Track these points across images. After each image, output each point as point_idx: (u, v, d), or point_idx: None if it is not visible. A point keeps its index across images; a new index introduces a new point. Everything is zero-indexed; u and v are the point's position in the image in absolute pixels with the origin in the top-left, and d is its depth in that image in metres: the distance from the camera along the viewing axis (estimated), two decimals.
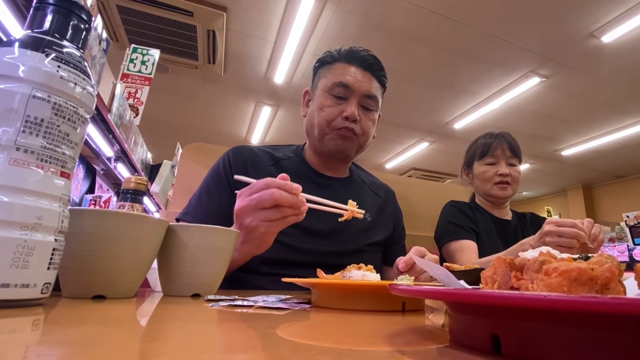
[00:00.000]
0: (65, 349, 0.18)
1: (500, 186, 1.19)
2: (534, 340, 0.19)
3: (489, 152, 1.21)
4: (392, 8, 2.79)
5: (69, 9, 0.33)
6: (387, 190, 1.05)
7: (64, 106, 0.31)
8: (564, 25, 2.89)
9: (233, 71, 3.72)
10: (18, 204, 0.28)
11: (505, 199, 1.22)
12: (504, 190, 1.19)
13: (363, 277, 0.46)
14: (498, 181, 1.19)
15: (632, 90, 3.74)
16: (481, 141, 1.25)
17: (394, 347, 0.23)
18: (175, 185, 1.28)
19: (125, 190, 0.53)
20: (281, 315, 0.33)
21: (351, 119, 0.84)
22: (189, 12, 2.81)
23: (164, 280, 0.48)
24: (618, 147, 5.09)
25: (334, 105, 0.85)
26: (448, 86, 3.82)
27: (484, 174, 1.22)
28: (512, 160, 1.21)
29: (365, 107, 0.87)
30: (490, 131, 1.28)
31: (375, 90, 0.89)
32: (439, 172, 6.39)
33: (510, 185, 1.20)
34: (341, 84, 0.85)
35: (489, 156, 1.22)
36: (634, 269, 0.22)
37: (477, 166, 1.25)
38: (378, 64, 0.91)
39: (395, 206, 1.04)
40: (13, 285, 0.27)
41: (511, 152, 1.20)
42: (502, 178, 1.19)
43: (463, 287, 0.30)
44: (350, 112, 0.83)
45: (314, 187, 0.89)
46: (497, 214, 1.25)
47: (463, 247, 1.12)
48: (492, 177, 1.20)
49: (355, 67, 0.88)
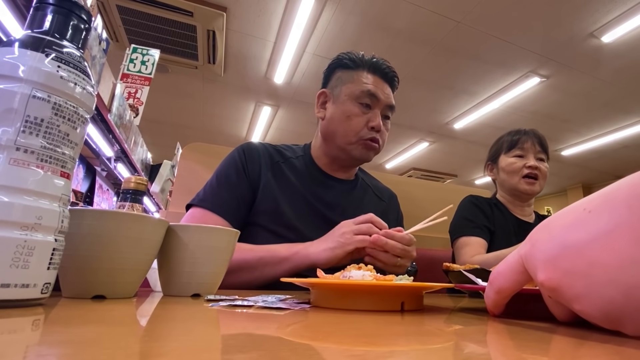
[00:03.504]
0: (65, 349, 0.18)
1: (527, 180, 1.13)
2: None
3: (517, 144, 1.16)
4: (392, 8, 2.79)
5: (69, 9, 0.33)
6: (391, 195, 1.06)
7: (64, 106, 0.31)
8: (564, 25, 2.89)
9: (233, 71, 3.72)
10: (18, 204, 0.28)
11: (531, 195, 1.16)
12: (531, 185, 1.13)
13: (363, 277, 0.46)
14: (526, 174, 1.13)
15: (632, 90, 3.74)
16: (507, 137, 1.21)
17: (394, 347, 0.23)
18: (175, 185, 1.28)
19: (125, 190, 0.53)
20: (281, 315, 0.33)
21: (377, 130, 0.87)
22: (189, 12, 2.81)
23: (164, 280, 0.48)
24: (618, 147, 5.09)
25: (360, 114, 0.87)
26: (448, 86, 3.82)
27: (512, 165, 1.15)
28: (541, 155, 1.16)
29: (385, 117, 0.91)
30: (518, 128, 1.23)
31: (393, 97, 0.93)
32: (439, 172, 6.39)
33: (538, 180, 1.14)
34: (369, 93, 0.87)
35: (518, 148, 1.16)
36: None
37: (503, 159, 1.19)
38: (395, 76, 0.94)
39: (397, 210, 1.05)
40: (13, 285, 0.27)
41: (540, 146, 1.16)
42: (530, 170, 1.13)
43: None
44: (377, 123, 0.87)
45: (321, 188, 0.91)
46: (519, 213, 1.20)
47: (469, 243, 1.09)
48: (520, 169, 1.14)
49: (379, 78, 0.91)
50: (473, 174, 6.59)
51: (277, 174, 0.88)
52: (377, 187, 1.04)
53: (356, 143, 0.87)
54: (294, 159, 0.93)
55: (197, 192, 0.84)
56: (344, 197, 0.93)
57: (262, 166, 0.87)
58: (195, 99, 4.26)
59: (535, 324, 0.35)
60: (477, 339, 0.27)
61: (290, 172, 0.89)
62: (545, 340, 0.26)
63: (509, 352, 0.23)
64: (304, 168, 0.92)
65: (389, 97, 0.90)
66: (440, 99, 4.09)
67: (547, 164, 1.17)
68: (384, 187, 1.07)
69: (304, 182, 0.89)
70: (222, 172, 0.86)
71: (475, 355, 0.21)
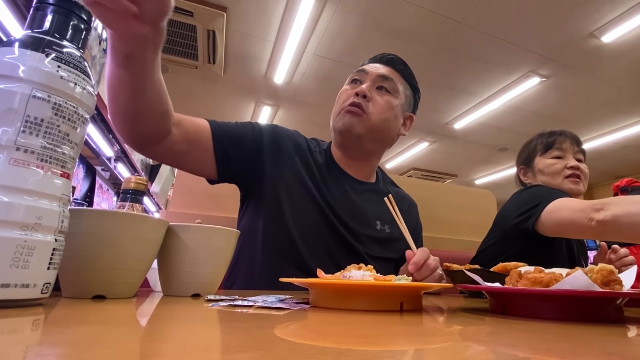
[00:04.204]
0: (65, 349, 0.18)
1: (572, 180, 1.05)
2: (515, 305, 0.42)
3: (554, 144, 1.09)
4: (392, 8, 2.79)
5: (69, 9, 0.33)
6: (410, 204, 1.02)
7: (64, 106, 0.31)
8: (564, 25, 2.88)
9: (233, 71, 3.72)
10: (18, 204, 0.28)
11: (577, 195, 1.06)
12: (576, 184, 1.05)
13: (363, 277, 0.46)
14: (569, 174, 1.05)
15: (633, 90, 3.74)
16: (541, 139, 1.14)
17: (394, 347, 0.23)
18: (175, 185, 1.28)
19: (125, 190, 0.53)
20: (281, 315, 0.33)
21: (360, 94, 0.83)
22: (189, 12, 2.81)
23: (164, 280, 0.48)
24: (618, 147, 5.08)
25: (348, 90, 0.87)
26: (448, 86, 3.82)
27: (552, 166, 1.07)
28: (579, 156, 1.09)
29: (380, 88, 0.87)
30: (550, 129, 1.15)
31: (393, 75, 0.89)
32: (439, 172, 6.39)
33: (582, 180, 1.06)
34: (358, 70, 0.88)
35: (555, 149, 1.09)
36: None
37: (540, 161, 1.11)
38: (399, 60, 0.92)
39: (416, 221, 1.01)
40: (13, 285, 0.27)
41: (578, 146, 1.09)
42: (573, 171, 1.05)
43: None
44: (360, 89, 0.83)
45: (339, 188, 0.86)
46: None
47: (562, 202, 0.88)
48: (561, 169, 1.06)
49: (375, 62, 0.91)
50: (473, 174, 6.58)
51: (304, 159, 0.86)
52: (397, 194, 1.00)
53: (340, 113, 0.85)
54: (316, 152, 0.90)
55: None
56: (362, 199, 0.88)
57: (290, 147, 0.85)
58: (195, 99, 4.26)
59: (535, 323, 0.35)
60: (477, 339, 0.27)
61: (313, 163, 0.87)
62: (546, 340, 0.26)
63: (509, 352, 0.23)
64: (324, 163, 0.89)
65: (379, 69, 0.88)
66: (440, 99, 4.09)
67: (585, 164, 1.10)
68: (405, 194, 1.03)
69: (323, 177, 0.86)
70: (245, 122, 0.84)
71: (476, 355, 0.21)
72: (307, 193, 0.82)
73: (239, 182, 0.84)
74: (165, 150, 0.71)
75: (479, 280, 0.49)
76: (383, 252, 0.85)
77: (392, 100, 0.87)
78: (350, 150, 0.89)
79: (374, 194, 0.91)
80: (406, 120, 0.96)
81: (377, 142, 0.88)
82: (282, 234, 0.78)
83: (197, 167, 0.78)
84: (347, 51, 3.29)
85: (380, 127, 0.85)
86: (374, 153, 0.92)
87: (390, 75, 0.88)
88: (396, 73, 0.90)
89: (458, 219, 1.53)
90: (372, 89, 0.86)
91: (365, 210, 0.86)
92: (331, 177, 0.87)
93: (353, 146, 0.88)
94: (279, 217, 0.79)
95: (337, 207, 0.83)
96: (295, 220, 0.79)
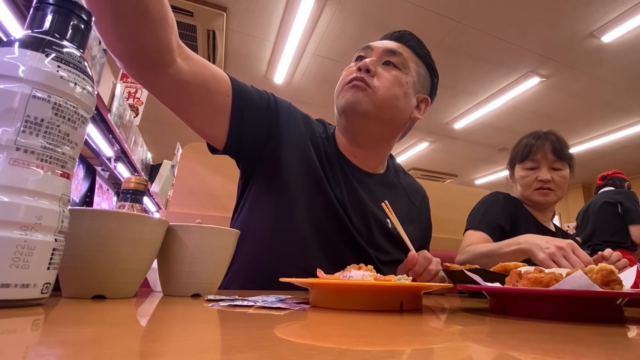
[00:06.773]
0: (65, 349, 0.18)
1: (540, 192, 1.12)
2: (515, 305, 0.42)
3: (529, 155, 1.14)
4: (392, 8, 2.79)
5: (69, 9, 0.33)
6: (423, 197, 0.96)
7: (64, 106, 0.31)
8: (564, 25, 2.89)
9: (233, 71, 3.71)
10: (18, 204, 0.28)
11: (547, 205, 1.15)
12: (545, 196, 1.12)
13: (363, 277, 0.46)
14: (538, 187, 1.12)
15: (633, 90, 3.74)
16: (524, 141, 1.19)
17: (394, 346, 0.23)
18: (175, 185, 1.28)
19: (125, 190, 0.53)
20: (281, 315, 0.33)
21: (363, 69, 0.75)
22: (189, 12, 2.81)
23: (164, 280, 0.48)
24: (618, 147, 5.09)
25: (352, 66, 0.79)
26: (448, 86, 3.82)
27: (524, 179, 1.15)
28: (556, 165, 1.12)
29: (387, 63, 0.78)
30: (537, 130, 1.19)
31: (401, 49, 0.80)
32: (439, 172, 6.39)
33: (553, 191, 1.12)
34: (364, 47, 0.80)
35: (530, 160, 1.14)
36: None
37: (518, 170, 1.19)
38: (412, 36, 0.83)
39: (427, 219, 0.95)
40: (13, 285, 0.27)
41: (555, 155, 1.12)
42: (542, 184, 1.11)
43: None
44: (362, 63, 0.75)
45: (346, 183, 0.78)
46: (540, 218, 1.19)
47: (471, 235, 1.08)
48: (532, 182, 1.13)
49: (385, 39, 0.84)
50: (473, 174, 6.59)
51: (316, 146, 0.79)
52: (410, 185, 0.93)
53: (342, 91, 0.77)
54: (323, 138, 0.82)
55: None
56: (369, 192, 0.81)
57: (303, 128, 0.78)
58: None
59: (535, 323, 0.35)
60: (477, 339, 0.27)
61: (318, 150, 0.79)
62: (546, 340, 0.26)
63: (509, 352, 0.23)
64: (328, 151, 0.81)
65: (386, 44, 0.80)
66: (440, 98, 4.08)
67: (566, 171, 1.13)
68: (418, 185, 0.97)
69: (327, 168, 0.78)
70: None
71: (476, 355, 0.21)
72: (321, 191, 0.75)
73: (245, 156, 0.75)
74: (168, 80, 0.60)
75: (479, 280, 0.49)
76: (395, 252, 0.81)
77: (401, 76, 0.78)
78: (356, 134, 0.79)
79: (383, 186, 0.84)
80: (420, 103, 0.85)
81: (385, 125, 0.79)
82: (291, 234, 0.72)
83: (202, 122, 0.66)
84: (347, 51, 3.29)
85: (388, 104, 0.76)
86: (382, 138, 0.82)
87: (399, 50, 0.79)
88: (407, 49, 0.81)
89: (458, 219, 1.52)
90: (378, 64, 0.78)
91: (376, 212, 0.80)
92: (334, 168, 0.79)
93: (359, 128, 0.78)
94: (289, 216, 0.72)
95: (350, 209, 0.76)
96: (308, 222, 0.73)
